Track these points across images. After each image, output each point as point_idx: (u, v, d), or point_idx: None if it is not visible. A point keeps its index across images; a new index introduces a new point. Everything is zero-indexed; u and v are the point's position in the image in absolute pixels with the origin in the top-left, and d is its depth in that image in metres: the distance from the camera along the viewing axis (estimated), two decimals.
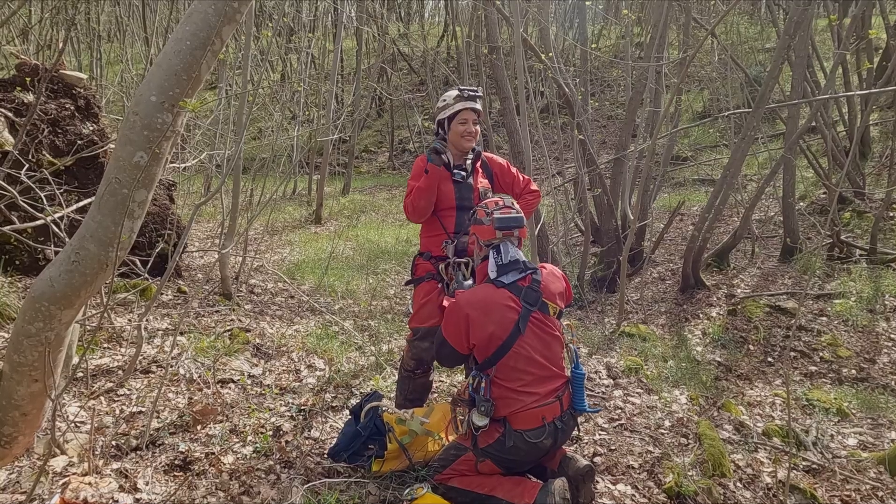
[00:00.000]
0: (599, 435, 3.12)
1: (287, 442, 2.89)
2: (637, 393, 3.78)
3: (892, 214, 7.34)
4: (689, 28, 7.56)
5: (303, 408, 3.22)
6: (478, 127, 3.01)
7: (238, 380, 3.45)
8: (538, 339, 2.46)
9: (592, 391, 3.73)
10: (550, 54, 5.20)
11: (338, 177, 12.33)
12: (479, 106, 2.99)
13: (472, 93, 2.97)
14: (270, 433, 2.95)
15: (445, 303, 2.70)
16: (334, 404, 3.34)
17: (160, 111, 1.87)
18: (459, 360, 2.58)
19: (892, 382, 4.40)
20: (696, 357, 4.84)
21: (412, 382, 3.11)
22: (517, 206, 2.68)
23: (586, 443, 3.04)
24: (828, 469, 3.10)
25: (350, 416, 2.78)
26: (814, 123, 8.47)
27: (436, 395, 3.55)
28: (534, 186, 3.20)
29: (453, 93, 2.99)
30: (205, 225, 8.56)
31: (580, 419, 3.30)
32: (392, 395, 3.45)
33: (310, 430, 3.03)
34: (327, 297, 5.57)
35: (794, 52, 6.18)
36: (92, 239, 1.87)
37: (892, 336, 5.02)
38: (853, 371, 4.63)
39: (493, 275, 2.52)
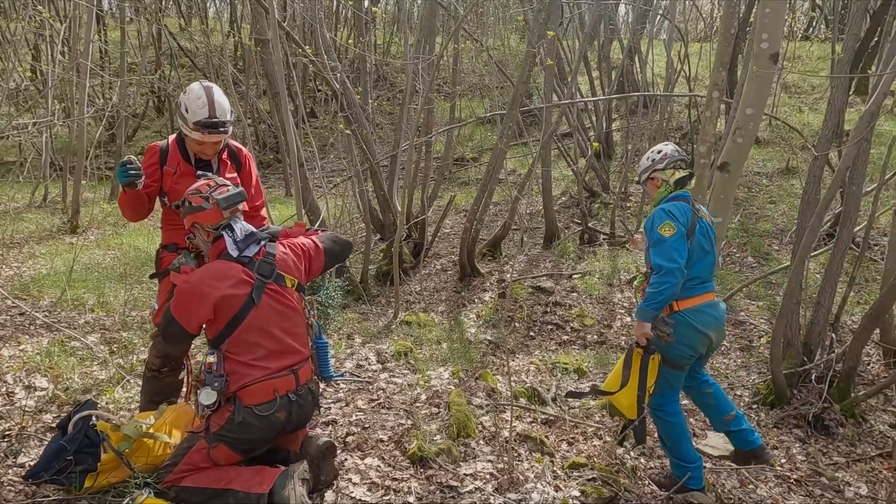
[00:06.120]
0: (356, 416, 3.14)
1: None
2: (403, 374, 3.90)
3: (628, 205, 8.69)
4: (458, 35, 8.10)
5: (7, 433, 2.73)
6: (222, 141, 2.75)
7: None
8: (274, 311, 2.43)
9: (359, 377, 3.76)
10: (309, 48, 5.17)
11: (106, 181, 10.90)
12: (221, 137, 2.65)
13: (218, 127, 2.58)
14: None
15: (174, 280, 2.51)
16: (55, 424, 2.90)
17: None
18: (188, 339, 2.52)
19: (622, 342, 5.15)
20: (470, 338, 5.16)
21: (158, 383, 2.84)
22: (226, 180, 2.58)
23: (341, 424, 3.04)
24: (561, 419, 3.50)
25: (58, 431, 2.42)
26: (567, 129, 9.68)
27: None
28: (263, 213, 3.04)
29: (197, 109, 2.55)
30: None
31: (333, 401, 3.31)
32: (132, 407, 3.12)
33: (16, 458, 2.59)
34: (72, 311, 4.86)
35: (543, 65, 6.97)
36: None
37: (624, 304, 5.88)
38: (595, 336, 5.33)
39: (234, 253, 2.43)
